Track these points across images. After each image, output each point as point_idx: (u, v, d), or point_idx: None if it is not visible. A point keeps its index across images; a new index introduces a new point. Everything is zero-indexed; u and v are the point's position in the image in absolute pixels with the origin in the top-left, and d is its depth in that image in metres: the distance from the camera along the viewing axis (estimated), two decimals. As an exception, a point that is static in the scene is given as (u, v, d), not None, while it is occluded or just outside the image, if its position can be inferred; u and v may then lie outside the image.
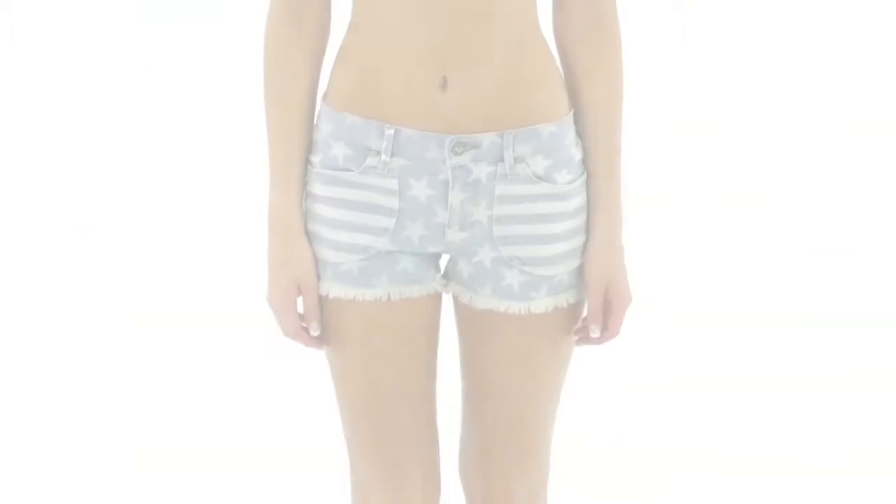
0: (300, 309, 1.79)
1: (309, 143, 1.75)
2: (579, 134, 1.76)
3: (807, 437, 3.17)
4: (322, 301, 1.77)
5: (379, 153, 1.68)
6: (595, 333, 1.80)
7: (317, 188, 1.73)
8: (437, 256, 1.79)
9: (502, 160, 1.68)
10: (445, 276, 1.80)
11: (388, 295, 1.73)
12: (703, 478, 2.97)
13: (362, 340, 1.75)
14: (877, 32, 5.97)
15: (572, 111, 1.75)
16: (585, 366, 2.70)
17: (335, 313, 1.76)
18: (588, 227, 1.78)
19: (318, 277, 1.76)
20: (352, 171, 1.70)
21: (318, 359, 1.92)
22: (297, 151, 1.74)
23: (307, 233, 1.76)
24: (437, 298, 1.80)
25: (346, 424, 1.83)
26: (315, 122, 1.76)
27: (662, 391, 3.36)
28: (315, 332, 1.77)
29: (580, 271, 1.78)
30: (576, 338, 1.83)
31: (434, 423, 1.85)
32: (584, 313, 1.83)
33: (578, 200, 1.75)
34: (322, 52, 1.74)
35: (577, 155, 1.74)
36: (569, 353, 1.83)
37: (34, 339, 3.66)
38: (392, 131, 1.67)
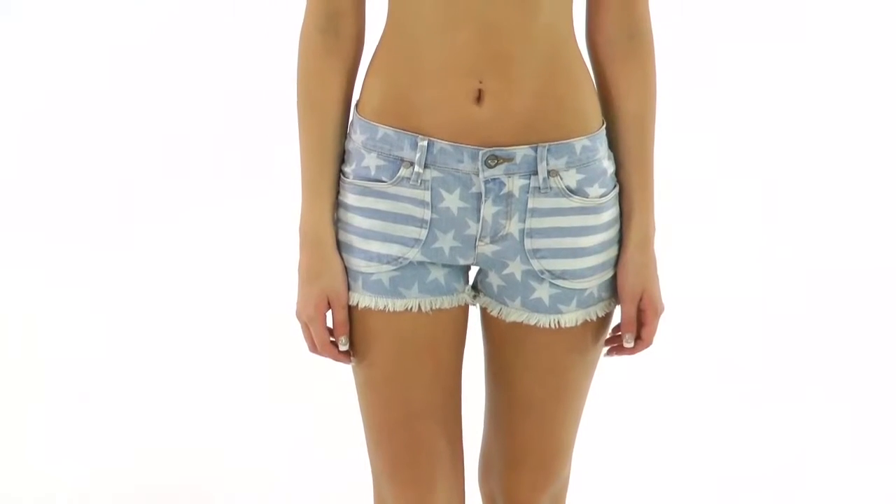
0: (329, 323, 1.78)
1: (341, 153, 1.74)
2: (612, 145, 1.76)
3: (813, 439, 3.17)
4: (350, 312, 1.76)
5: (412, 164, 1.68)
6: (629, 343, 1.80)
7: (349, 198, 1.73)
8: (467, 268, 1.78)
9: (536, 173, 1.68)
10: (474, 288, 1.80)
11: (419, 305, 1.73)
12: (706, 481, 2.98)
13: (390, 351, 1.74)
14: (881, 34, 5.96)
15: (604, 125, 1.74)
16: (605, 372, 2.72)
17: (364, 324, 1.75)
18: (621, 238, 1.78)
19: (348, 288, 1.75)
20: (384, 181, 1.70)
21: (342, 373, 1.91)
22: (330, 163, 1.73)
23: (339, 243, 1.75)
24: (466, 310, 1.79)
25: (370, 439, 1.82)
26: (347, 132, 1.75)
27: (671, 392, 3.38)
28: (344, 347, 1.76)
29: (610, 284, 1.78)
30: (606, 348, 1.84)
31: (460, 438, 1.84)
32: (613, 324, 1.83)
33: (610, 214, 1.75)
34: (356, 62, 1.74)
35: (609, 168, 1.74)
36: (595, 362, 1.84)
37: (38, 342, 3.67)
38: (425, 143, 1.66)
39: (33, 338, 3.67)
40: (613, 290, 1.79)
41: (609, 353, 1.85)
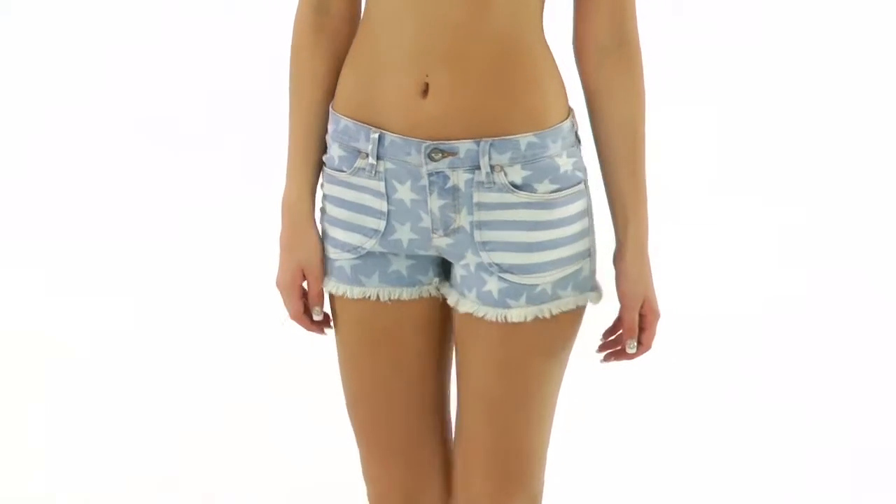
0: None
1: (324, 130, 1.80)
2: (602, 152, 1.77)
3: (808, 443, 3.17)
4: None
5: (367, 156, 1.72)
6: (632, 349, 1.80)
7: (325, 186, 1.80)
8: (438, 260, 1.80)
9: (479, 168, 1.69)
10: (446, 279, 1.82)
11: (378, 295, 1.78)
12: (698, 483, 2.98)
13: (352, 334, 1.82)
14: (881, 37, 5.96)
15: (565, 122, 1.73)
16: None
17: (333, 306, 1.83)
18: (617, 246, 1.79)
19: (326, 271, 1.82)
20: (344, 171, 1.75)
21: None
22: (311, 139, 1.79)
23: (321, 224, 1.82)
24: (436, 302, 1.82)
25: (347, 408, 1.90)
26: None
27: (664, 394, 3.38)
28: (317, 317, 1.83)
29: (568, 282, 1.76)
30: (603, 353, 1.84)
31: (437, 423, 1.87)
32: (574, 326, 1.80)
33: (567, 210, 1.73)
34: (346, 43, 1.78)
35: (565, 166, 1.73)
36: (560, 367, 1.81)
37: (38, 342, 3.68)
38: (377, 135, 1.70)
39: (33, 338, 3.67)
40: (573, 289, 1.77)
41: (606, 358, 1.84)
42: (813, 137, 5.23)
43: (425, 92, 1.67)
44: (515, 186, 1.70)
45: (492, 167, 1.69)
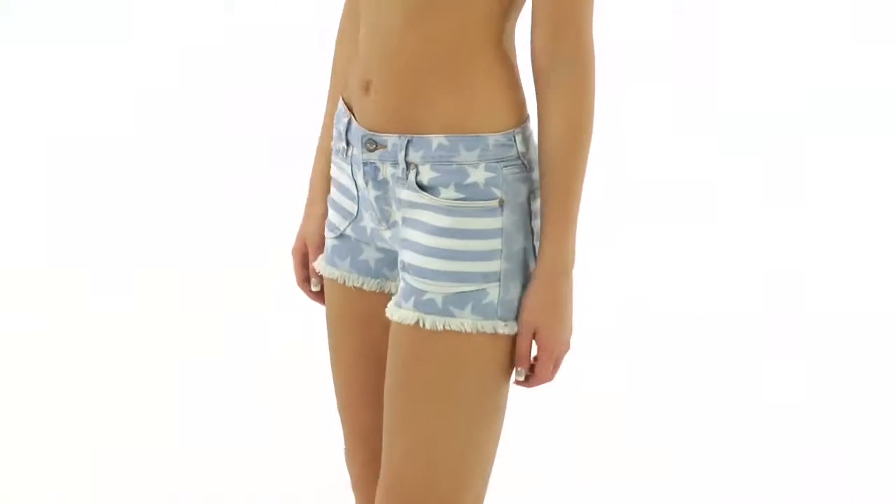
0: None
1: None
2: (540, 175, 1.70)
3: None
4: None
5: (342, 138, 1.81)
6: (520, 377, 1.72)
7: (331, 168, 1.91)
8: None
9: (398, 163, 1.71)
10: None
11: (345, 279, 1.83)
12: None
13: (333, 316, 1.88)
14: (880, 37, 5.96)
15: (494, 135, 1.69)
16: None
17: (323, 285, 1.93)
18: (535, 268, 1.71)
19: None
20: (332, 151, 1.86)
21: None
22: (330, 120, 1.93)
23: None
24: None
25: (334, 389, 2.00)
26: None
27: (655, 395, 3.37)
28: (314, 288, 1.93)
29: (465, 303, 1.69)
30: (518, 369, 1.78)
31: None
32: (476, 356, 1.70)
33: (471, 223, 1.68)
34: None
35: (474, 177, 1.68)
36: (450, 398, 1.69)
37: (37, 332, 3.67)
38: (347, 119, 1.79)
39: (33, 338, 3.67)
40: (472, 312, 1.69)
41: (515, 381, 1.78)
42: (808, 139, 5.22)
43: (367, 90, 1.74)
44: (421, 187, 1.70)
45: (407, 164, 1.70)
